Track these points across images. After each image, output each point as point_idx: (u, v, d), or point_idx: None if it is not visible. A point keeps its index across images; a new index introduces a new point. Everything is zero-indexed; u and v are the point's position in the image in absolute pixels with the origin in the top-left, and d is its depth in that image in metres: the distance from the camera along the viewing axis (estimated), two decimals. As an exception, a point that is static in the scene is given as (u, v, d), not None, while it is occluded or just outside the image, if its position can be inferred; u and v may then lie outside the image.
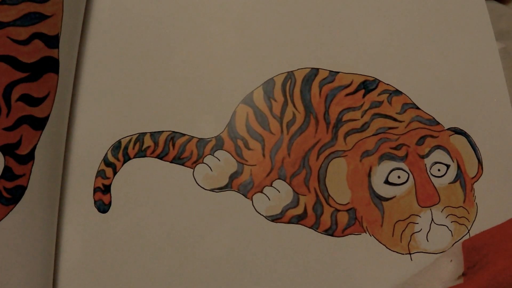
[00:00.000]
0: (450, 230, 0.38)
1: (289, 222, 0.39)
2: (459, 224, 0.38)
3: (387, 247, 0.38)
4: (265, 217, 0.39)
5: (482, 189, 0.39)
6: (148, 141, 0.39)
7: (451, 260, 0.36)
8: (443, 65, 0.41)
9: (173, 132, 0.40)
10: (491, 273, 0.33)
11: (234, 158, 0.39)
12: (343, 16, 0.41)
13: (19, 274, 0.35)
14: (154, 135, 0.40)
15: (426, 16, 0.41)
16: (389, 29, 0.41)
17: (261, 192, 0.39)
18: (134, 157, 0.39)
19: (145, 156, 0.39)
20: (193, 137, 0.40)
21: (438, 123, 0.40)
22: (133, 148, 0.39)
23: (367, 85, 0.40)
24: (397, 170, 0.39)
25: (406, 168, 0.39)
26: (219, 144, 0.39)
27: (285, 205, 0.39)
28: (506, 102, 0.41)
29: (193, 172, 0.39)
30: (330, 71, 0.40)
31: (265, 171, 0.39)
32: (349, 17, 0.41)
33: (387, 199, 0.39)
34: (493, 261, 0.34)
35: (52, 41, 0.36)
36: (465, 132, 0.40)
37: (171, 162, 0.39)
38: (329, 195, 0.39)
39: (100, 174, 0.39)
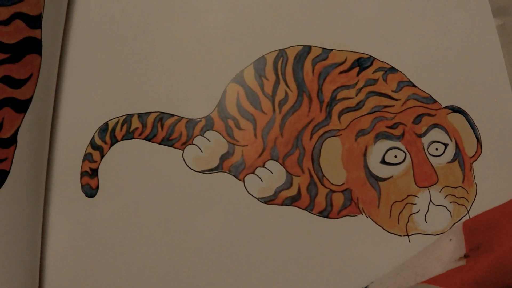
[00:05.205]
0: (449, 211, 0.38)
1: (283, 203, 0.38)
2: (458, 204, 0.38)
3: (384, 229, 0.38)
4: (258, 198, 0.38)
5: (481, 169, 0.39)
6: (136, 123, 0.39)
7: (450, 239, 0.36)
8: (440, 42, 0.40)
9: (162, 113, 0.39)
10: (496, 254, 0.32)
11: (225, 139, 0.39)
12: (336, -8, 0.41)
13: (4, 261, 0.35)
14: (142, 116, 0.39)
15: (422, -9, 0.41)
16: (384, 5, 0.41)
17: (253, 173, 0.38)
18: (121, 140, 0.39)
19: (133, 138, 0.39)
20: (182, 117, 0.39)
21: (435, 101, 0.39)
22: (121, 130, 0.39)
23: (362, 63, 0.40)
24: (393, 150, 0.38)
25: (403, 147, 0.38)
26: (209, 124, 0.39)
27: (278, 186, 0.38)
28: (504, 79, 0.40)
29: (183, 153, 0.39)
30: (323, 48, 0.40)
31: (257, 151, 0.38)
32: (342, -7, 0.41)
33: (383, 179, 0.38)
34: (498, 243, 0.33)
35: (34, 21, 0.35)
36: (463, 110, 0.39)
37: (159, 143, 0.39)
38: (323, 175, 0.38)
39: (87, 157, 0.39)
